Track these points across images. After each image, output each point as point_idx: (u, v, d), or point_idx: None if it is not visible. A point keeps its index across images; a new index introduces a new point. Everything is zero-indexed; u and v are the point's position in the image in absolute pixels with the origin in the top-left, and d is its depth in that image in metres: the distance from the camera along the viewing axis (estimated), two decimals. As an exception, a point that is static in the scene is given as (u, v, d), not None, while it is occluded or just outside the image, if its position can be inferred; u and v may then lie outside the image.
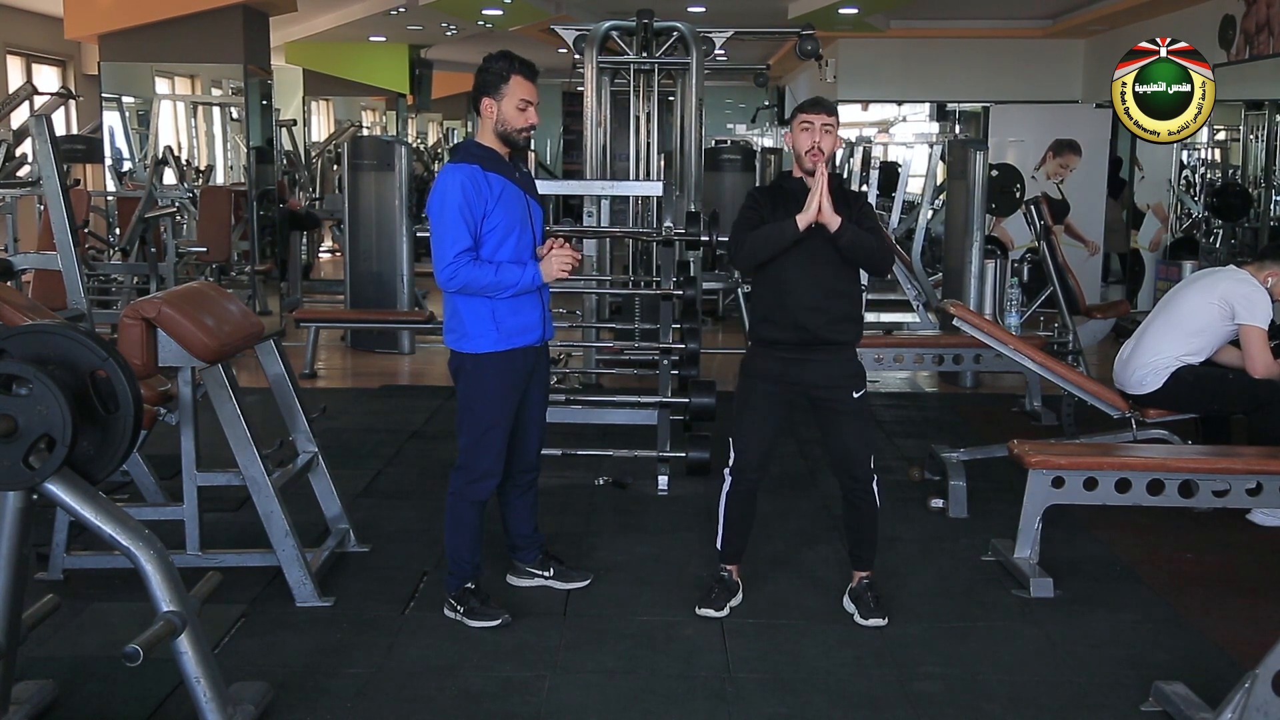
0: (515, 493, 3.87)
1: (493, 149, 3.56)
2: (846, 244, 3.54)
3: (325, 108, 19.09)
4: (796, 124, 3.63)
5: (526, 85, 3.53)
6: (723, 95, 22.94)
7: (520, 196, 3.59)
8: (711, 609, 3.74)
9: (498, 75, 3.52)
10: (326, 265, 14.43)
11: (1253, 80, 9.49)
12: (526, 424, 3.76)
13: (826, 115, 3.61)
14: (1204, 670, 3.35)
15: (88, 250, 9.18)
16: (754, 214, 3.64)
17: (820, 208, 3.47)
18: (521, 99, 3.52)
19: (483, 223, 3.48)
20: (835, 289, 3.62)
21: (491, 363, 3.56)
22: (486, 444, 3.62)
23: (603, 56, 7.45)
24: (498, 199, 3.49)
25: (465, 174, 3.47)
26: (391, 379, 7.78)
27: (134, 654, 2.49)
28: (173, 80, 12.86)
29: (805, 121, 3.61)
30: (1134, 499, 4.05)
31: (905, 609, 3.81)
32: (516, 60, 3.55)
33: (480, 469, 3.63)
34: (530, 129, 3.57)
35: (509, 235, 3.52)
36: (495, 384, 3.58)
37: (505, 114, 3.52)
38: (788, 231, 3.52)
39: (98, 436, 2.62)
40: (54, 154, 4.74)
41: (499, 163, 3.56)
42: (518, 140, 3.57)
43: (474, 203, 3.45)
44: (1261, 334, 4.65)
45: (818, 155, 3.57)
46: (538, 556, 3.96)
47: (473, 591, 3.67)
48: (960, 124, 14.18)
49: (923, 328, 8.50)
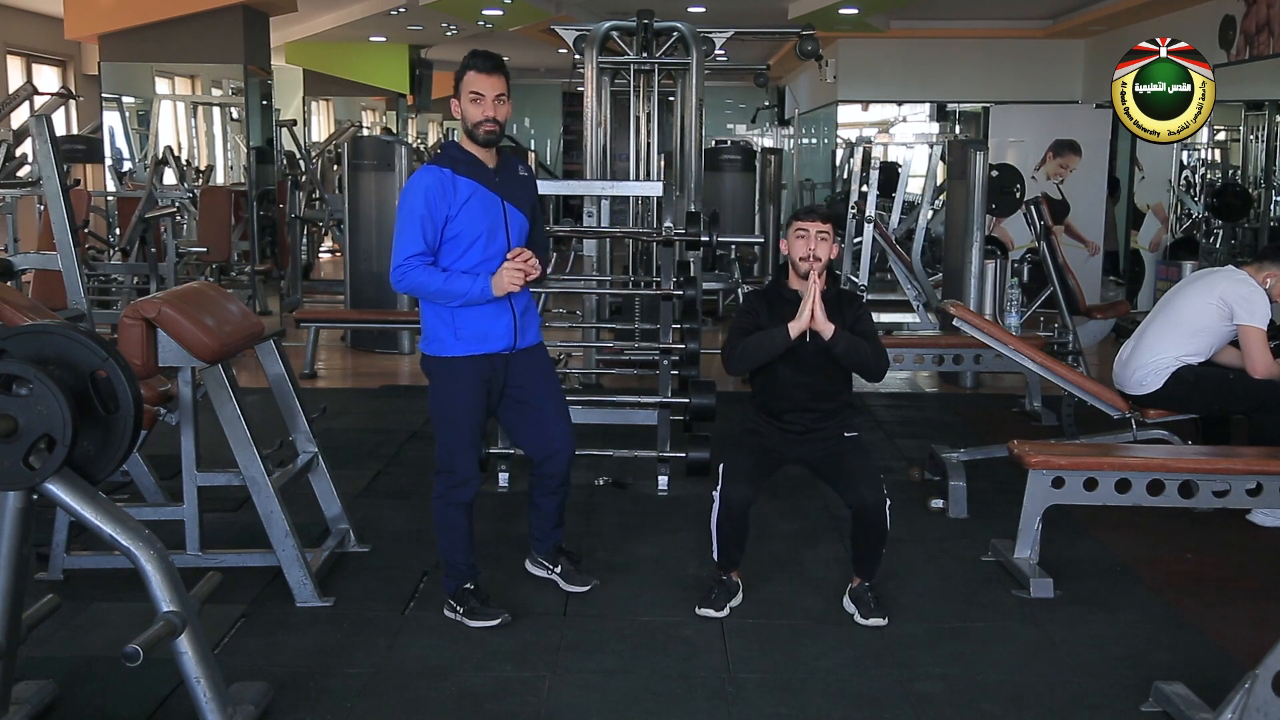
0: (538, 492, 3.86)
1: (472, 152, 3.51)
2: (841, 352, 3.64)
3: (325, 108, 19.09)
4: (792, 231, 3.70)
5: (477, 77, 3.44)
6: (723, 95, 22.93)
7: (494, 202, 3.50)
8: (711, 609, 3.74)
9: (458, 74, 3.50)
10: (326, 265, 14.43)
11: (1253, 80, 9.49)
12: (535, 425, 3.73)
13: (822, 223, 3.66)
14: (1204, 670, 3.35)
15: (88, 250, 9.19)
16: (750, 319, 3.76)
17: (813, 315, 3.56)
18: (471, 91, 3.44)
19: (444, 228, 3.44)
20: (826, 392, 3.75)
21: (452, 367, 3.55)
22: (457, 448, 3.59)
23: (603, 57, 7.45)
24: (463, 204, 3.44)
25: (433, 177, 3.44)
26: (391, 379, 7.78)
27: (134, 654, 2.49)
28: (173, 80, 12.87)
29: (800, 229, 3.67)
30: (1134, 499, 4.05)
31: (905, 609, 3.81)
32: (474, 54, 3.49)
33: (459, 473, 3.60)
34: (487, 122, 3.44)
35: (474, 242, 3.47)
36: (455, 388, 3.56)
37: (463, 110, 3.48)
38: (779, 339, 3.63)
39: (98, 436, 2.62)
40: (54, 154, 4.74)
41: (474, 167, 3.50)
42: (479, 136, 3.47)
43: (435, 207, 3.42)
44: (1261, 334, 4.65)
45: (812, 264, 3.62)
46: (549, 550, 3.96)
47: (471, 591, 3.67)
48: (960, 124, 14.18)
49: (923, 328, 8.50)
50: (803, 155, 16.56)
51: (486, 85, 3.45)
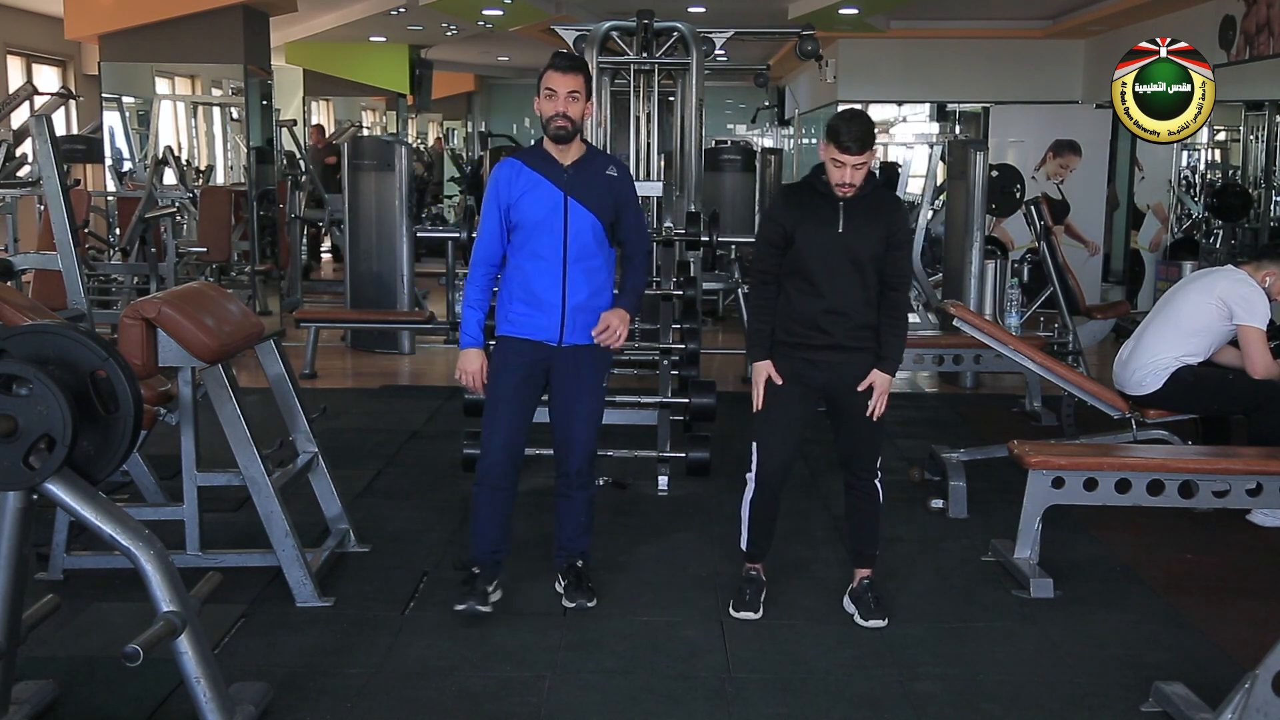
0: (558, 495, 3.87)
1: (547, 149, 3.67)
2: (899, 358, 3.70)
3: (325, 108, 19.09)
4: (828, 155, 3.55)
5: (552, 75, 3.59)
6: (723, 95, 22.93)
7: (555, 197, 3.62)
8: (749, 611, 3.72)
9: (539, 76, 3.66)
10: (326, 265, 14.43)
11: (1253, 80, 9.50)
12: (564, 417, 3.76)
13: (859, 155, 3.49)
14: (1204, 670, 3.35)
15: (88, 250, 9.18)
16: (776, 229, 3.63)
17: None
18: (546, 88, 3.60)
19: (509, 212, 3.65)
20: (862, 299, 3.60)
21: (503, 345, 3.73)
22: (491, 426, 3.72)
23: (603, 57, 7.44)
24: (523, 193, 3.63)
25: (505, 167, 3.69)
26: (391, 379, 7.78)
27: (134, 654, 2.49)
28: (173, 80, 12.86)
29: (837, 161, 3.52)
30: (1134, 499, 4.05)
31: (905, 609, 3.81)
32: (555, 54, 3.69)
33: (488, 454, 3.72)
34: (558, 118, 3.57)
35: (534, 232, 3.64)
36: (499, 362, 3.72)
37: (540, 107, 3.64)
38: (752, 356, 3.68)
39: (98, 436, 2.61)
40: (54, 154, 4.74)
41: (544, 161, 3.66)
42: (550, 131, 3.61)
43: (502, 193, 3.66)
44: (1260, 334, 4.65)
45: (847, 189, 3.55)
46: (563, 564, 3.89)
47: (472, 574, 3.72)
48: (960, 124, 14.18)
49: (923, 328, 8.50)
50: (803, 155, 16.56)
51: (560, 82, 3.58)
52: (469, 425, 5.13)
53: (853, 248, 3.55)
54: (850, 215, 3.56)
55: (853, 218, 3.56)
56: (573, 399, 3.74)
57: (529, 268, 3.66)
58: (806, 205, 3.62)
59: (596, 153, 3.76)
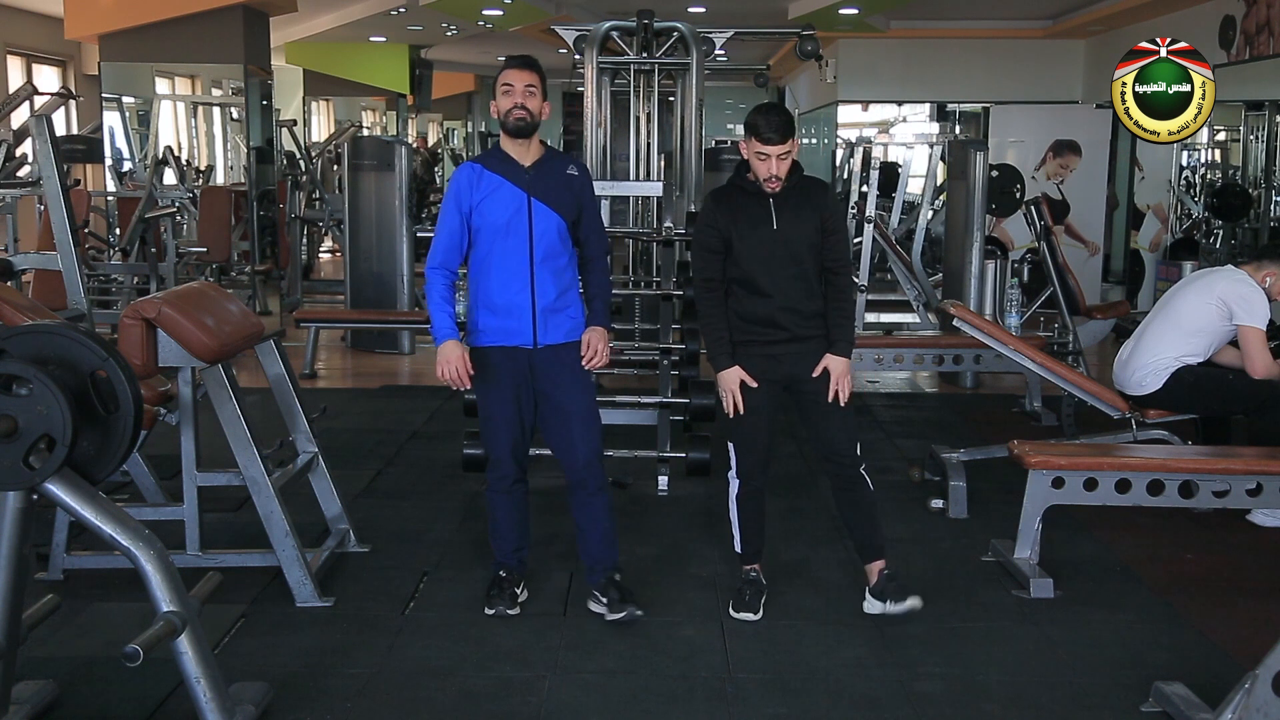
0: (573, 507, 3.80)
1: (507, 151, 3.64)
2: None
3: (325, 108, 19.10)
4: (751, 149, 3.56)
5: (507, 72, 3.61)
6: (723, 95, 22.94)
7: (517, 198, 3.59)
8: (749, 612, 3.71)
9: (495, 79, 3.67)
10: (327, 265, 14.43)
11: (1253, 80, 9.49)
12: (559, 426, 3.72)
13: (781, 145, 3.52)
14: (1204, 670, 3.35)
15: (88, 250, 9.19)
16: (713, 234, 3.64)
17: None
18: (503, 84, 3.61)
19: (471, 216, 3.62)
20: (808, 290, 3.65)
21: (479, 357, 3.68)
22: (490, 436, 3.75)
23: (603, 57, 7.44)
24: (485, 197, 3.60)
25: (465, 171, 3.66)
26: (391, 379, 7.78)
27: (134, 654, 2.49)
28: (173, 80, 12.87)
29: (761, 154, 3.54)
30: (1134, 499, 4.05)
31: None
32: (508, 57, 3.71)
33: (494, 458, 3.76)
34: (516, 109, 3.56)
35: (499, 234, 3.60)
36: (481, 377, 3.68)
37: (498, 104, 3.64)
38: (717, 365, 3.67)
39: (98, 436, 2.62)
40: (54, 154, 4.73)
41: (504, 163, 3.63)
42: (510, 124, 3.60)
43: (462, 198, 3.62)
44: (1260, 334, 4.65)
45: (774, 184, 3.56)
46: (600, 581, 3.75)
47: (499, 578, 3.77)
48: (960, 124, 14.18)
49: (923, 328, 8.50)
50: (803, 155, 16.52)
51: (516, 78, 3.60)
52: (469, 425, 5.13)
53: (790, 241, 3.58)
54: (781, 209, 3.59)
55: (784, 211, 3.58)
56: (562, 399, 3.70)
57: (494, 273, 3.62)
58: (737, 206, 3.64)
59: (555, 153, 3.74)
